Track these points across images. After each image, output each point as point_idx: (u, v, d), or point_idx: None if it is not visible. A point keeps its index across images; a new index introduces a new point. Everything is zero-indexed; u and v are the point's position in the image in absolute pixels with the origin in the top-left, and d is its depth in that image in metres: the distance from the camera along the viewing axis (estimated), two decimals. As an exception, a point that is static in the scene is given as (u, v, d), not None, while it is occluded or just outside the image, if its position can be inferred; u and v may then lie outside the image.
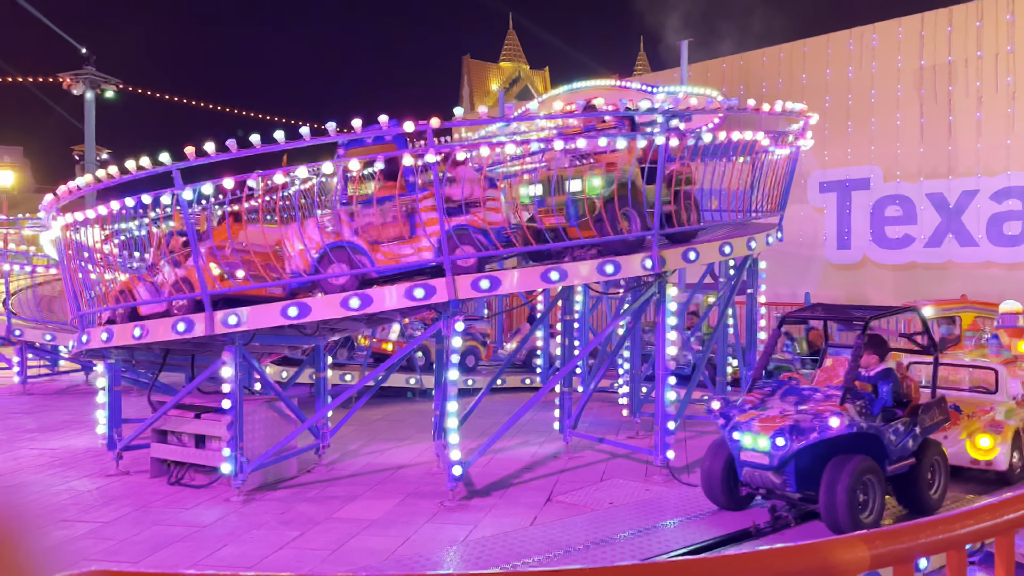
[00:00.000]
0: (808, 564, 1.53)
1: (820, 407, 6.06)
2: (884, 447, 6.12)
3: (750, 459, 6.09)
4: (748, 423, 6.14)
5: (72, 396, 14.00)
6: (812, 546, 1.59)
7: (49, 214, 8.59)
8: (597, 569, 1.53)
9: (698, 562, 1.54)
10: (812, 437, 5.82)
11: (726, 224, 10.38)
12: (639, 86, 9.81)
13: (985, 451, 7.18)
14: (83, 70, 34.97)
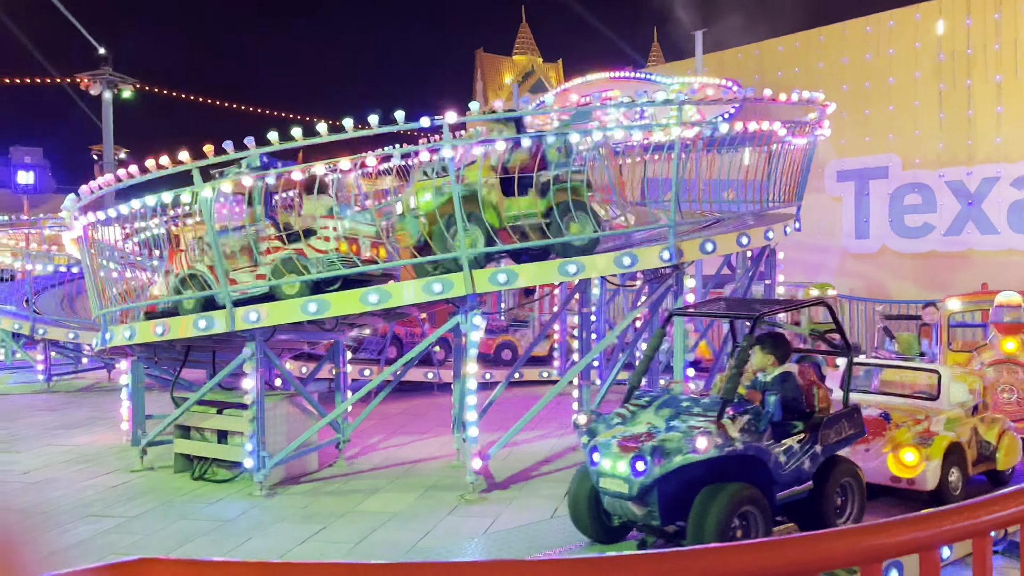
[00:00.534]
0: (834, 551, 1.54)
1: (694, 423, 5.12)
2: (770, 470, 5.16)
3: (609, 487, 5.12)
4: (608, 443, 5.17)
5: (95, 393, 14.18)
6: (839, 532, 1.61)
7: (72, 214, 8.70)
8: (615, 558, 1.56)
9: (724, 550, 1.56)
10: (676, 461, 4.87)
11: (743, 215, 10.33)
12: (643, 76, 9.75)
13: (909, 467, 6.16)
14: (100, 70, 35.27)
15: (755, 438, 5.14)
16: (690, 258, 8.33)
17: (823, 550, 1.51)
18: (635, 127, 8.43)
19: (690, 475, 5.01)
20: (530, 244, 7.80)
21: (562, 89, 16.83)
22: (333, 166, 7.40)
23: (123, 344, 8.32)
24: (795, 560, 1.44)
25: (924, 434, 6.44)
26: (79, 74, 35.21)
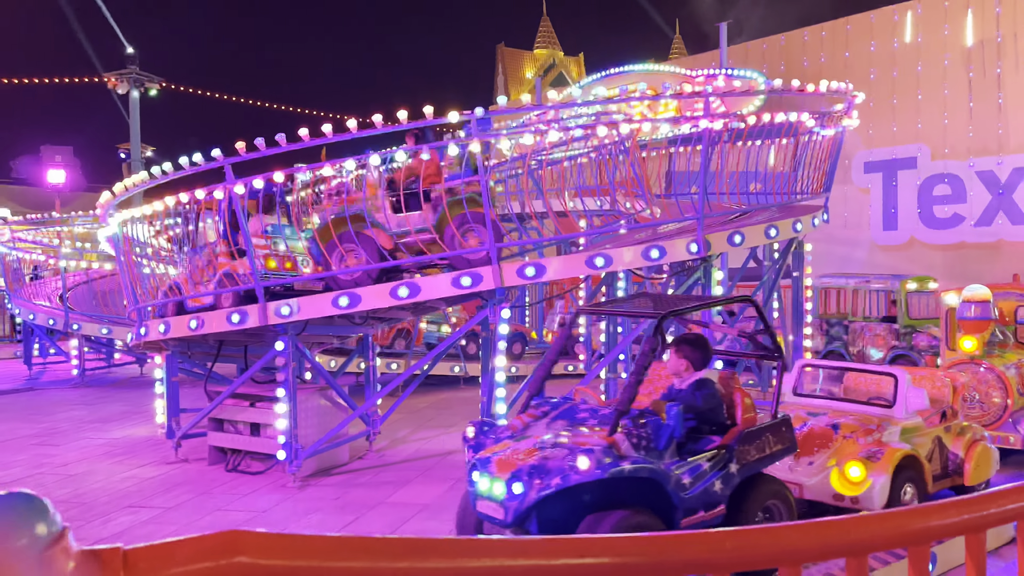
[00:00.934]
0: (879, 533, 1.57)
1: (583, 439, 4.46)
2: (669, 494, 4.45)
3: (486, 510, 4.50)
4: (487, 460, 4.55)
5: (128, 388, 14.42)
6: (884, 515, 1.64)
7: (106, 211, 8.86)
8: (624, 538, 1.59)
9: (766, 532, 1.59)
10: (554, 483, 4.21)
11: (770, 206, 10.29)
12: (673, 69, 9.72)
13: (854, 483, 5.50)
14: (127, 69, 35.73)
15: (653, 456, 4.48)
16: (718, 250, 8.32)
17: (868, 532, 1.54)
18: (651, 121, 8.42)
19: (575, 500, 4.37)
20: (406, 261, 7.78)
21: (587, 83, 16.79)
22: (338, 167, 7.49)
23: (157, 338, 8.47)
24: (836, 543, 1.48)
25: (874, 446, 5.73)
26: (107, 73, 35.73)
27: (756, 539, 1.47)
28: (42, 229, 18.07)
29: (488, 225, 7.39)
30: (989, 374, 7.70)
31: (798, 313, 10.55)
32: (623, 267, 8.52)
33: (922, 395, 6.24)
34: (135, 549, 0.98)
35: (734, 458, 4.77)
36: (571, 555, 1.27)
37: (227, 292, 7.89)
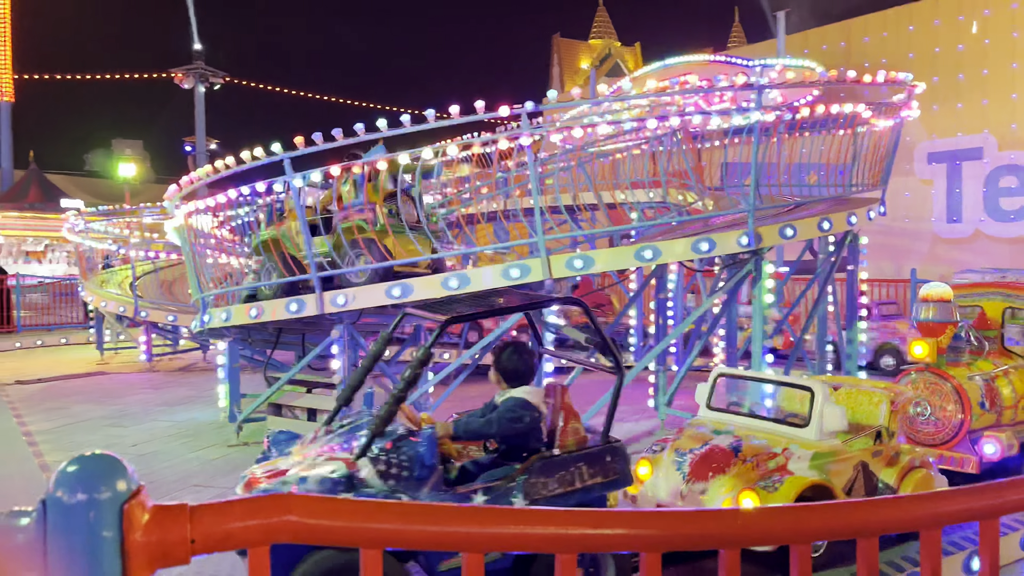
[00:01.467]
0: (891, 517, 1.64)
1: (327, 464, 3.98)
2: None
3: None
4: (242, 479, 4.17)
5: (192, 373, 14.98)
6: (896, 500, 1.71)
7: (172, 203, 9.25)
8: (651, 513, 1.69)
9: (781, 511, 1.67)
10: None
11: (825, 199, 10.15)
12: (729, 59, 9.66)
13: None
14: (193, 65, 36.81)
15: (408, 486, 3.90)
16: (769, 243, 8.26)
17: (878, 515, 1.62)
18: (705, 112, 8.40)
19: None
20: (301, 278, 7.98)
21: (640, 73, 16.74)
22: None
23: (220, 326, 8.83)
24: (847, 524, 1.56)
25: (776, 473, 5.05)
26: (174, 69, 36.91)
27: (765, 518, 1.56)
28: (113, 220, 18.81)
29: (537, 217, 7.51)
30: (945, 385, 6.64)
31: (851, 308, 10.39)
32: (672, 259, 8.54)
33: (840, 413, 5.32)
34: (199, 506, 1.13)
35: (521, 492, 4.04)
36: (589, 526, 1.38)
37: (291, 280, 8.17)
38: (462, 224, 8.43)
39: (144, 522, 1.09)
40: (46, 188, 36.64)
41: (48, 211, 34.09)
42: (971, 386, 6.70)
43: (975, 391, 6.67)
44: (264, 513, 1.15)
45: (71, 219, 16.88)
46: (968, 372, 6.85)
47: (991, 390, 6.80)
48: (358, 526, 1.21)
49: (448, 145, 7.79)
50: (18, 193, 36.27)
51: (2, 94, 39.01)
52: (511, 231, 10.15)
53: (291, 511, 1.17)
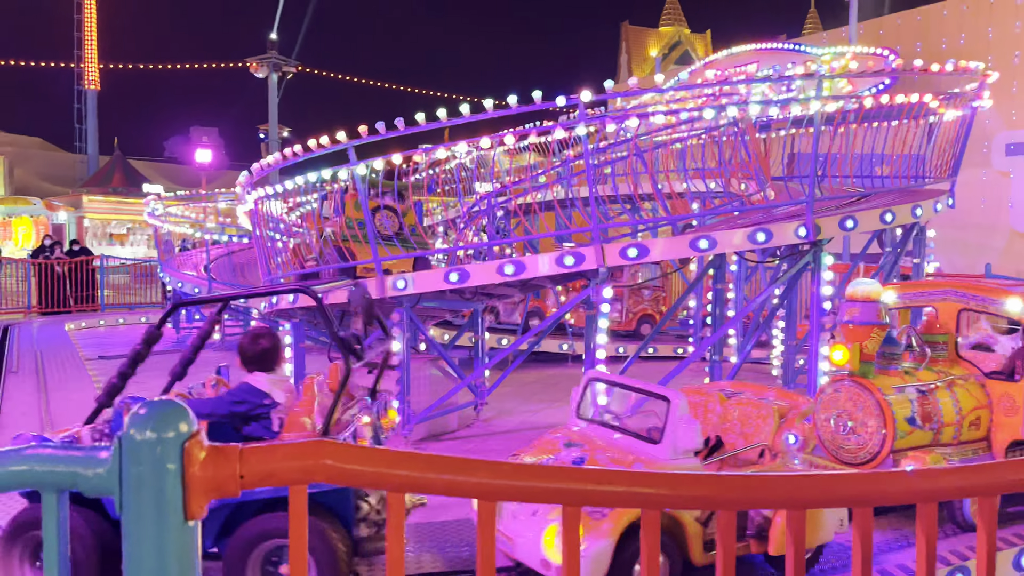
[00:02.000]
0: (889, 491, 1.74)
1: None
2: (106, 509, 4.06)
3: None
4: None
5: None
6: (894, 474, 1.80)
7: (244, 189, 9.67)
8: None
9: (779, 479, 1.78)
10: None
11: (891, 190, 9.96)
12: (791, 47, 9.55)
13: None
14: (267, 54, 37.82)
15: None
16: (828, 235, 8.18)
17: (878, 489, 1.72)
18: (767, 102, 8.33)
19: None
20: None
21: (705, 63, 16.56)
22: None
23: (287, 307, 9.21)
24: (843, 494, 1.67)
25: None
26: (249, 59, 38.02)
27: (763, 484, 1.68)
28: (190, 204, 19.61)
29: (592, 205, 7.62)
30: (867, 398, 5.74)
31: (917, 301, 10.17)
32: (729, 249, 8.53)
33: (695, 430, 4.65)
34: (248, 447, 1.32)
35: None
36: (624, 484, 1.53)
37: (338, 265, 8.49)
38: (519, 212, 8.59)
39: (201, 458, 1.29)
40: (129, 173, 38.24)
41: (131, 195, 35.65)
42: (899, 399, 5.76)
43: (903, 405, 5.76)
44: (304, 456, 1.33)
45: (151, 204, 17.69)
46: (899, 382, 5.89)
47: (927, 404, 5.85)
48: (384, 472, 1.38)
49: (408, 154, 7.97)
50: (103, 178, 37.96)
51: (90, 83, 40.86)
52: (572, 220, 10.27)
53: (328, 456, 1.35)
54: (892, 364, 6.00)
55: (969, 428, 6.04)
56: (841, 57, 14.08)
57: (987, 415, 6.12)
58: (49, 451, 1.27)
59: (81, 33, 40.74)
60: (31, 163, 42.54)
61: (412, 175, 9.22)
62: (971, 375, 6.23)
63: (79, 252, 22.95)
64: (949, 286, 6.63)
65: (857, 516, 1.75)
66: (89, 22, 40.55)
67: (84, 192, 35.95)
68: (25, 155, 42.58)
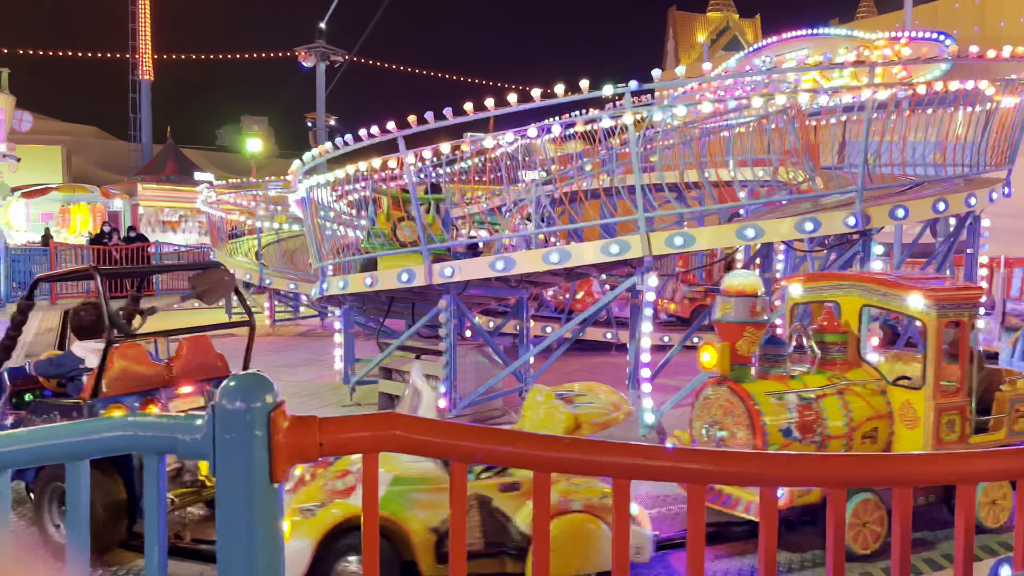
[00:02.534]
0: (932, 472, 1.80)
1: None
2: None
3: None
4: None
5: (310, 338, 15.94)
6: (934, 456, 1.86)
7: (296, 178, 9.90)
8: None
9: (819, 458, 1.85)
10: None
11: (945, 179, 9.77)
12: (846, 33, 9.42)
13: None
14: (315, 43, 38.30)
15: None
16: (878, 224, 8.10)
17: (917, 469, 1.78)
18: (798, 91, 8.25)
19: None
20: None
21: (754, 49, 16.36)
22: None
23: (337, 293, 9.44)
24: (885, 474, 1.73)
25: (338, 496, 4.25)
26: (297, 48, 38.56)
27: (808, 464, 1.76)
28: (241, 192, 20.06)
29: (638, 194, 7.65)
30: (737, 404, 5.18)
31: (970, 292, 9.99)
32: (776, 238, 8.49)
33: None
34: (326, 418, 1.44)
35: (22, 424, 4.96)
36: (671, 460, 1.62)
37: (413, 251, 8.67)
38: (564, 200, 8.67)
39: (285, 427, 1.41)
40: (181, 161, 39.15)
41: (183, 183, 36.54)
42: (773, 407, 5.15)
43: (779, 414, 5.13)
44: (377, 427, 1.46)
45: (204, 191, 18.14)
46: (780, 388, 5.28)
47: (808, 414, 5.20)
48: (448, 442, 1.50)
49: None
50: (156, 166, 38.93)
51: (144, 73, 41.86)
52: (618, 209, 10.29)
53: (397, 427, 1.47)
54: (776, 367, 5.38)
55: (863, 441, 5.31)
56: (895, 42, 13.81)
57: (886, 427, 5.37)
58: (151, 419, 1.42)
59: (135, 24, 41.73)
60: (87, 152, 43.78)
61: (459, 162, 9.34)
62: (871, 380, 5.51)
63: (135, 239, 23.67)
64: (852, 279, 5.94)
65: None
66: (143, 14, 41.51)
67: (139, 180, 36.95)
68: (82, 144, 43.84)
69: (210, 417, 1.41)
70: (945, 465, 1.88)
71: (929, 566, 4.98)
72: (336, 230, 10.69)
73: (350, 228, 10.85)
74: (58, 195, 34.26)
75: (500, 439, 1.52)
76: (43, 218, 33.98)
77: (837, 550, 1.74)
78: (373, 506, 1.51)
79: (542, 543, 1.54)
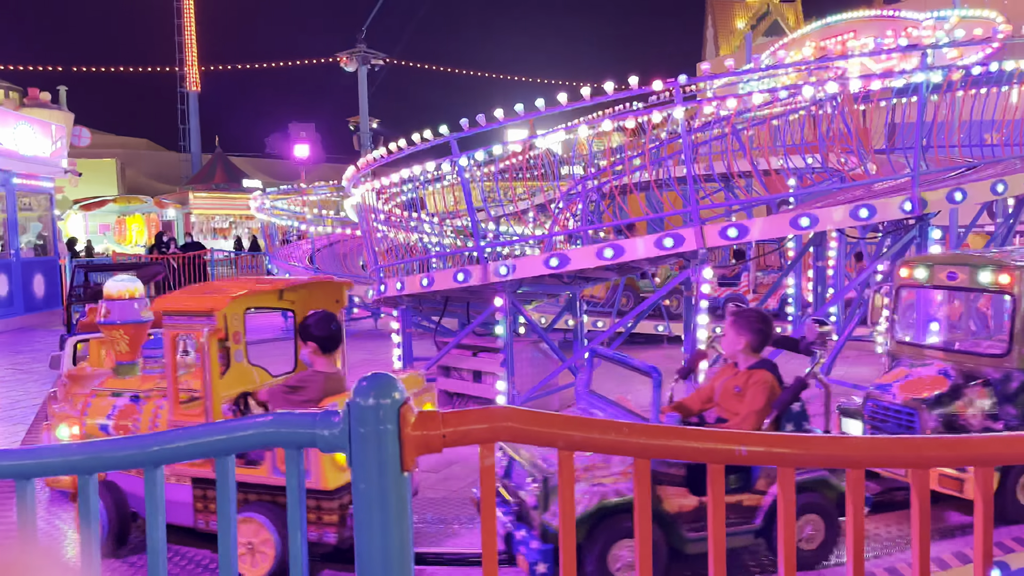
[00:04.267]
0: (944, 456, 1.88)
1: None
2: None
3: None
4: None
5: (365, 338, 16.25)
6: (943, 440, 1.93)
7: (351, 183, 10.15)
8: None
9: (846, 440, 1.94)
10: None
11: (1003, 160, 9.60)
12: (890, 13, 9.31)
13: None
14: (356, 48, 38.80)
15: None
16: (935, 208, 8.02)
17: (935, 451, 1.84)
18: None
19: None
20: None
21: (798, 35, 16.18)
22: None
23: (394, 294, 9.66)
24: (902, 456, 1.81)
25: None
26: (338, 53, 39.13)
27: (826, 446, 1.83)
28: (293, 198, 20.51)
29: (690, 186, 7.71)
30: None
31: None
32: (831, 226, 8.47)
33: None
34: (448, 412, 1.59)
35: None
36: (762, 444, 1.73)
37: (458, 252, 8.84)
38: (615, 194, 8.75)
39: (412, 421, 1.57)
40: (230, 170, 40.08)
41: (232, 191, 37.41)
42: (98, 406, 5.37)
43: (98, 413, 5.33)
44: (493, 419, 1.60)
45: (257, 199, 18.60)
46: (133, 388, 5.45)
47: (126, 416, 5.29)
48: (556, 432, 1.63)
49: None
50: (206, 175, 39.93)
51: (192, 85, 42.91)
52: (664, 201, 10.34)
53: (511, 420, 1.61)
54: (130, 372, 5.63)
55: None
56: (944, 23, 13.55)
57: None
58: (295, 416, 1.58)
59: (182, 38, 42.81)
60: (140, 163, 45.08)
61: (507, 160, 9.47)
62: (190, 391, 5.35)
63: (191, 246, 24.34)
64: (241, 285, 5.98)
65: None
66: (189, 27, 42.55)
67: (190, 189, 37.93)
68: (135, 156, 45.16)
69: (346, 413, 1.56)
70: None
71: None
72: (387, 233, 10.92)
73: (402, 232, 11.08)
74: (114, 207, 35.39)
75: (603, 429, 1.65)
76: (101, 229, 35.16)
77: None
78: (490, 493, 1.65)
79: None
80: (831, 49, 10.28)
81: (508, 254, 10.37)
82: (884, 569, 4.94)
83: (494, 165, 9.37)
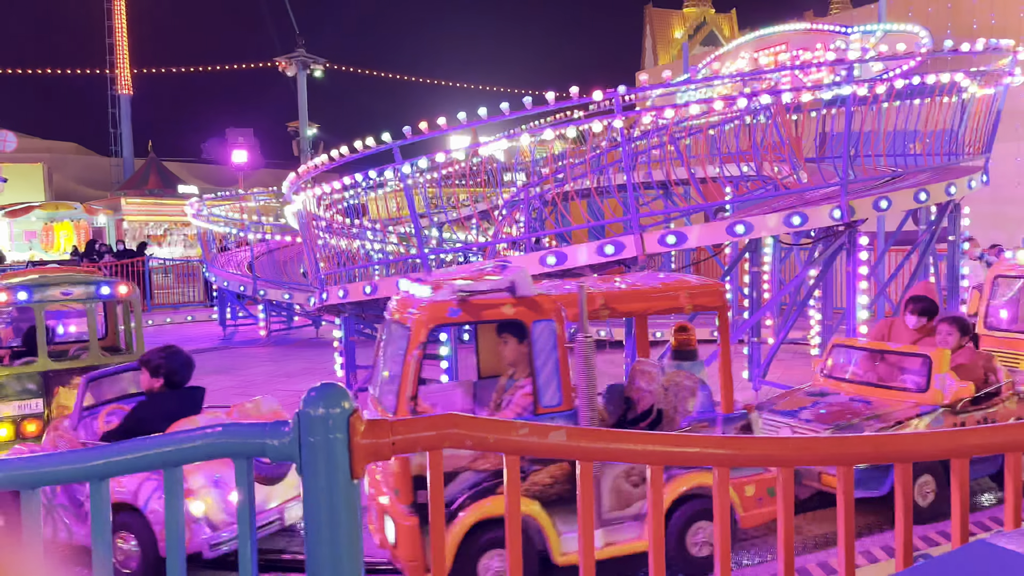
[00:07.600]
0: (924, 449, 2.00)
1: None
2: None
3: None
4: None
5: (305, 347, 16.04)
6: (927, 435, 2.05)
7: (290, 191, 10.04)
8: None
9: (845, 440, 2.04)
10: None
11: (924, 169, 10.04)
12: (832, 28, 9.66)
13: None
14: (295, 52, 38.30)
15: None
16: (862, 216, 8.34)
17: (916, 446, 1.98)
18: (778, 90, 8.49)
19: None
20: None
21: (733, 46, 16.62)
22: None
23: (336, 302, 9.58)
24: (887, 451, 1.93)
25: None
26: (277, 58, 38.56)
27: (816, 445, 1.95)
28: (234, 204, 20.11)
29: (630, 195, 7.86)
30: None
31: (952, 279, 10.28)
32: (765, 233, 8.72)
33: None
34: (396, 420, 1.62)
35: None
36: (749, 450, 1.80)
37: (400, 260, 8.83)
38: (557, 202, 8.86)
39: (362, 430, 1.59)
40: (164, 175, 39.01)
41: (166, 197, 36.43)
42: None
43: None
44: (438, 426, 1.64)
45: (195, 205, 18.19)
46: None
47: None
48: (503, 439, 1.68)
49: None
50: (139, 180, 38.77)
51: (123, 88, 41.72)
52: (604, 208, 10.51)
53: (456, 426, 1.65)
54: None
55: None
56: (870, 37, 14.09)
57: None
58: (244, 426, 1.59)
59: (112, 39, 41.59)
60: (68, 168, 43.52)
61: (449, 167, 9.51)
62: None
63: (126, 253, 23.64)
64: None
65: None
66: (120, 29, 41.37)
67: (122, 195, 36.81)
68: (62, 160, 43.58)
69: (296, 422, 1.58)
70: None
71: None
72: (329, 240, 10.83)
73: (344, 239, 11.00)
74: (41, 213, 34.11)
75: (545, 433, 1.70)
76: (27, 237, 33.85)
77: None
78: (438, 498, 1.69)
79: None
80: (762, 64, 10.65)
81: (452, 261, 10.39)
82: (817, 564, 5.12)
83: (437, 172, 9.37)
